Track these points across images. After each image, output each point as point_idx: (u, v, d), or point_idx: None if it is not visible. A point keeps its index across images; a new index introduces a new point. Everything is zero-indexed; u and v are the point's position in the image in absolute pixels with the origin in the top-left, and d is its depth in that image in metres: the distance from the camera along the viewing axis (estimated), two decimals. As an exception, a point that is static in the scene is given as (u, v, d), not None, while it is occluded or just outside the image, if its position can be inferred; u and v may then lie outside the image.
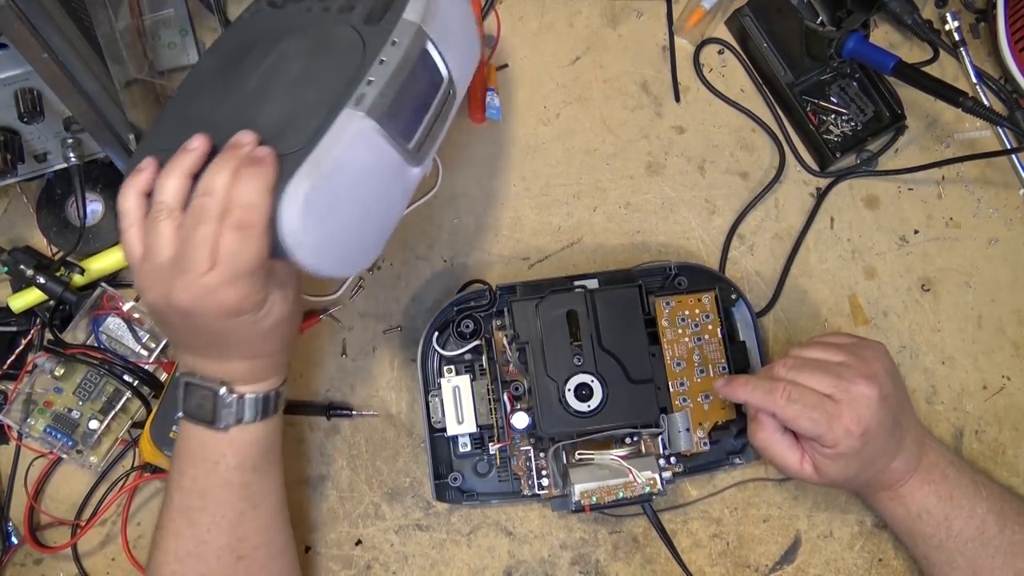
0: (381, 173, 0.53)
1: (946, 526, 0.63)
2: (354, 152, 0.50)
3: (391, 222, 0.57)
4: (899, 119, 0.78)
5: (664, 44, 0.82)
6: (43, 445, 0.72)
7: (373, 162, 0.52)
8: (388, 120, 0.51)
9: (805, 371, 0.60)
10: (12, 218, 0.77)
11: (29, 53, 0.56)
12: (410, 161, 0.55)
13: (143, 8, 0.76)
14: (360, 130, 0.51)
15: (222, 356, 0.55)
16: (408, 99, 0.53)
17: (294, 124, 0.51)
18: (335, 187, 0.49)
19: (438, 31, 0.55)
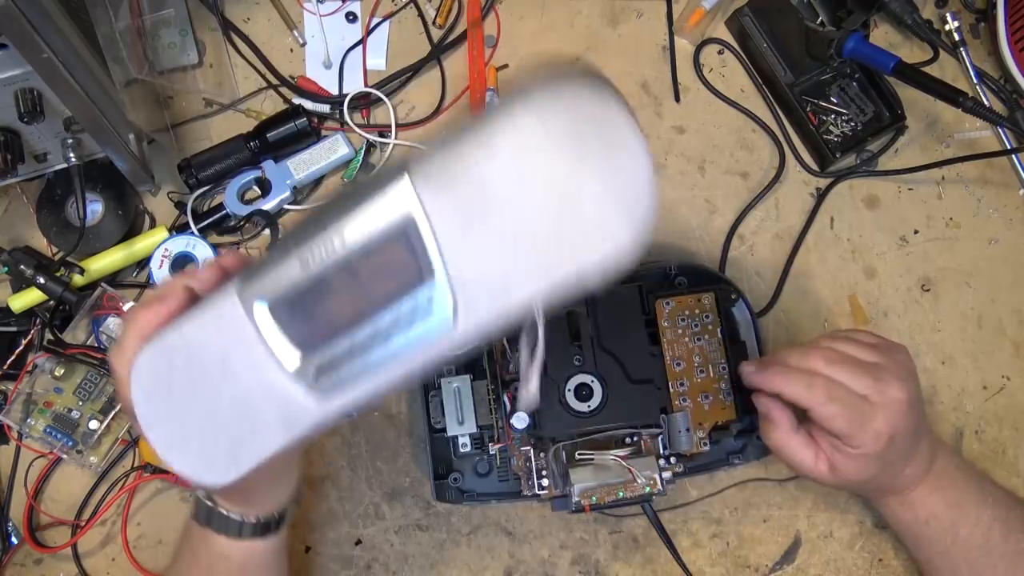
0: (245, 378, 0.40)
1: (952, 532, 0.62)
2: (212, 329, 0.39)
3: (260, 448, 0.41)
4: (899, 119, 0.78)
5: (664, 44, 0.82)
6: (43, 445, 0.72)
7: (236, 357, 0.39)
8: (282, 306, 0.38)
9: (844, 368, 0.58)
10: (12, 218, 0.77)
11: (29, 53, 0.56)
12: (301, 382, 0.39)
13: (143, 8, 0.76)
14: (227, 303, 0.39)
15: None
16: (338, 288, 0.38)
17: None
18: (181, 366, 0.40)
19: (470, 204, 0.37)
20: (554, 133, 0.37)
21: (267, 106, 0.80)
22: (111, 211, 0.75)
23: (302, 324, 0.39)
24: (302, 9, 0.82)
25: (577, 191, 0.37)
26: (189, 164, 0.76)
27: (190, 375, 0.40)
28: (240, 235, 0.78)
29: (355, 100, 0.79)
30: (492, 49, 0.82)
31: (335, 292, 0.38)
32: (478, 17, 0.81)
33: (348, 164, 0.78)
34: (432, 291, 0.37)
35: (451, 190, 0.37)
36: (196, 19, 0.80)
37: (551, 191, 0.37)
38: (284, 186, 0.77)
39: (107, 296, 0.73)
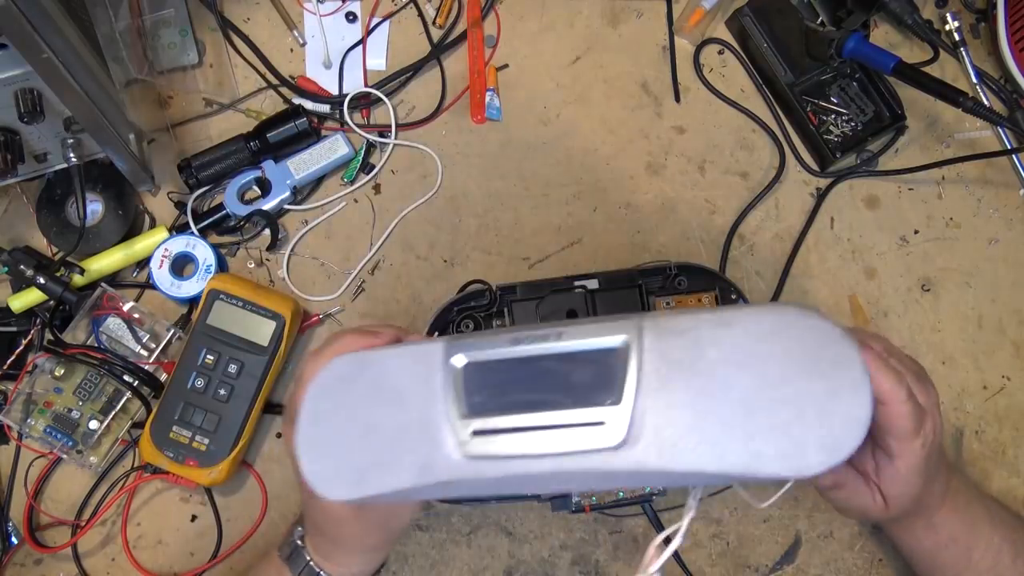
0: (412, 412, 0.42)
1: (967, 556, 0.61)
2: (407, 361, 0.42)
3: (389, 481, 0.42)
4: (899, 119, 0.78)
5: (664, 44, 0.82)
6: (43, 445, 0.72)
7: (414, 391, 0.42)
8: (477, 365, 0.41)
9: (905, 365, 0.53)
10: (12, 218, 0.77)
11: (29, 53, 0.56)
12: (457, 435, 0.41)
13: (143, 8, 0.76)
14: (432, 347, 0.42)
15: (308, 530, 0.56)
16: (532, 373, 0.41)
17: None
18: (364, 381, 0.43)
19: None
20: (792, 341, 0.38)
21: (267, 106, 0.80)
22: (111, 211, 0.75)
23: (485, 387, 0.41)
24: (302, 9, 0.82)
25: (789, 398, 0.37)
26: (189, 164, 0.76)
27: (366, 391, 0.43)
28: (240, 235, 0.78)
29: (355, 100, 0.79)
30: (492, 49, 0.82)
31: (528, 375, 0.41)
32: (478, 17, 0.81)
33: (348, 164, 0.78)
34: (612, 415, 0.39)
35: (672, 341, 0.39)
36: (196, 19, 0.80)
37: (762, 387, 0.38)
38: (284, 186, 0.77)
39: (107, 296, 0.73)
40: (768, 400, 0.38)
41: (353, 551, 0.56)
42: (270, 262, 0.77)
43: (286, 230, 0.78)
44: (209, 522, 0.72)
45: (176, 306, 0.76)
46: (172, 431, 0.69)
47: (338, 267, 0.77)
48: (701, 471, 0.38)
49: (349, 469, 0.43)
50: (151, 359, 0.73)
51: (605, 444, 0.39)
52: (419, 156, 0.79)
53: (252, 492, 0.73)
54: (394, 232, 0.78)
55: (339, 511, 0.51)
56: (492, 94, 0.80)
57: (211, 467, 0.69)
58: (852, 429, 0.37)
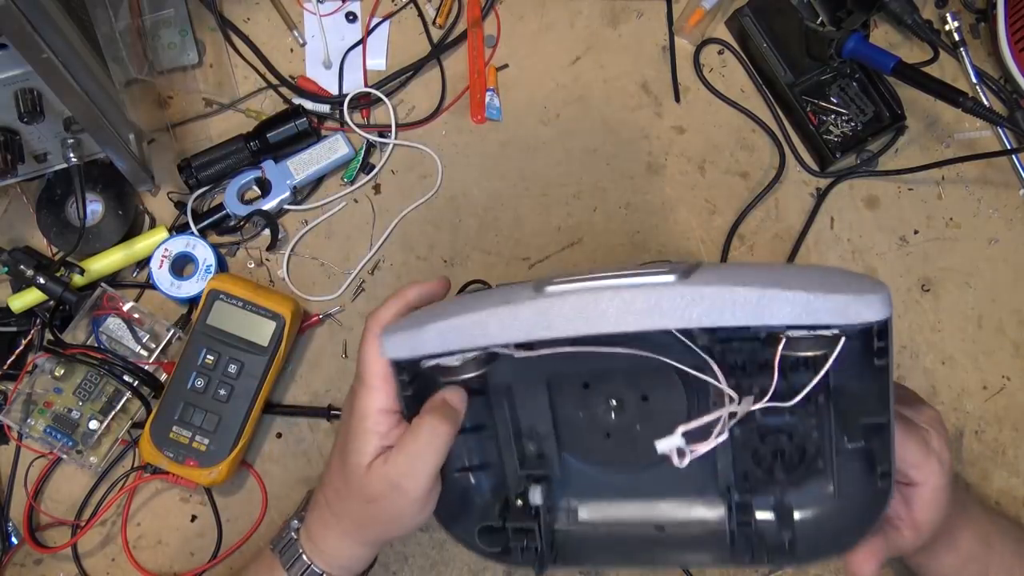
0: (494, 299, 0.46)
1: (984, 572, 0.60)
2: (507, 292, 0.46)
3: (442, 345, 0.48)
4: (899, 119, 0.78)
5: (664, 44, 0.82)
6: (43, 445, 0.72)
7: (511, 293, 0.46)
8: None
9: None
10: (12, 218, 0.77)
11: (29, 53, 0.56)
12: (532, 288, 0.45)
13: (143, 8, 0.76)
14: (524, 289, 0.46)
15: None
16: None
17: None
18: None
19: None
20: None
21: (267, 106, 0.80)
22: (111, 211, 0.75)
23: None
24: (302, 9, 0.82)
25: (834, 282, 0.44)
26: (189, 164, 0.76)
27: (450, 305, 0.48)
28: (240, 235, 0.78)
29: (355, 100, 0.79)
30: (492, 49, 0.82)
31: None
32: (478, 17, 0.81)
33: (348, 164, 0.78)
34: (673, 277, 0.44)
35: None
36: (196, 19, 0.80)
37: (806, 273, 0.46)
38: (284, 186, 0.77)
39: (107, 296, 0.73)
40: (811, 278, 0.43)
41: (350, 536, 0.56)
42: (270, 262, 0.77)
43: (286, 230, 0.78)
44: (209, 522, 0.72)
45: (176, 306, 0.76)
46: (172, 431, 0.69)
47: (338, 267, 0.77)
48: (756, 301, 0.41)
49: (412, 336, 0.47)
50: (151, 359, 0.73)
51: (663, 281, 0.43)
52: (419, 156, 0.79)
53: (252, 492, 0.73)
54: (394, 232, 0.78)
55: (375, 483, 0.51)
56: (492, 94, 0.80)
57: (211, 467, 0.69)
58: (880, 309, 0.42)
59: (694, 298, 0.42)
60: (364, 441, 0.51)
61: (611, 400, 0.54)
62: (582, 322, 0.42)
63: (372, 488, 0.51)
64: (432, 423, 0.50)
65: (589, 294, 0.43)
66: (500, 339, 0.45)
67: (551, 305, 0.43)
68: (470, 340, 0.45)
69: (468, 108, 0.80)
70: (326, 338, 0.76)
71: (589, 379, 0.54)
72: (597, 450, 0.56)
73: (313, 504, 0.58)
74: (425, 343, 0.47)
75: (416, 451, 0.50)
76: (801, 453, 0.53)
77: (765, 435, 0.53)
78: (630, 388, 0.54)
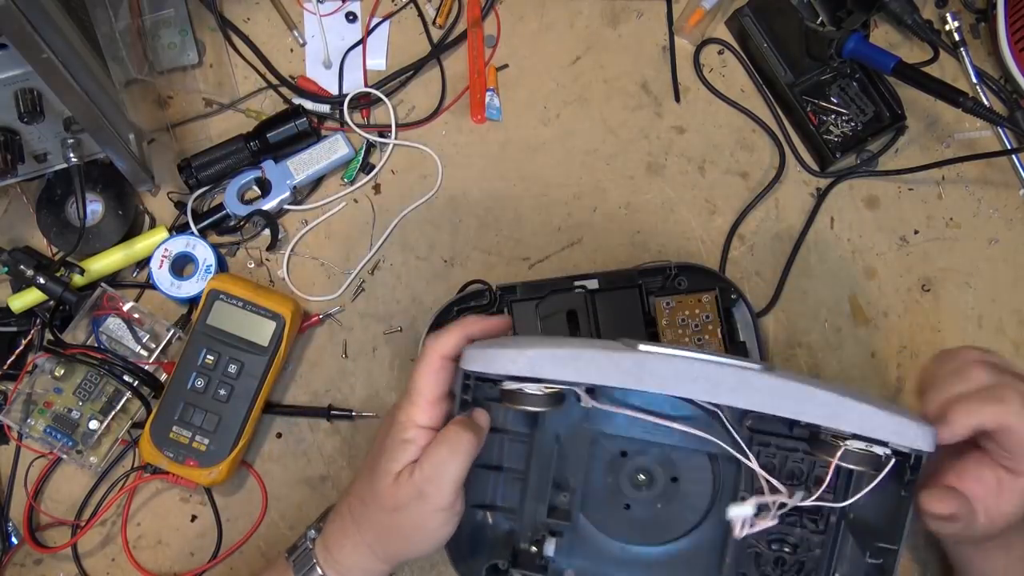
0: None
1: None
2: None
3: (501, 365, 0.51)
4: (899, 119, 0.78)
5: (664, 44, 0.82)
6: (43, 445, 0.72)
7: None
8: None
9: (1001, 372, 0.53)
10: (12, 218, 0.77)
11: (29, 53, 0.56)
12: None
13: (143, 8, 0.76)
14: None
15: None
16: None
17: None
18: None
19: None
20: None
21: (267, 106, 0.80)
22: (111, 211, 0.75)
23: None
24: (302, 9, 0.82)
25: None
26: (189, 164, 0.76)
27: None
28: (240, 235, 0.78)
29: (355, 100, 0.79)
30: (492, 49, 0.82)
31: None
32: (478, 17, 0.81)
33: (348, 164, 0.78)
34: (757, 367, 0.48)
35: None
36: (196, 19, 0.80)
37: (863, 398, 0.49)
38: (284, 186, 0.77)
39: (107, 296, 0.73)
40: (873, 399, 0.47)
41: (368, 548, 0.56)
42: (270, 262, 0.77)
43: (286, 230, 0.78)
44: (209, 522, 0.72)
45: (176, 306, 0.76)
46: (172, 431, 0.69)
47: (338, 267, 0.77)
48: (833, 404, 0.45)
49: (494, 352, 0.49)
50: (151, 359, 0.73)
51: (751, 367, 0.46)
52: (419, 156, 0.79)
53: (252, 492, 0.73)
54: (394, 232, 0.78)
55: (401, 491, 0.52)
56: (492, 94, 0.80)
57: (211, 467, 0.69)
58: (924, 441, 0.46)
59: (778, 389, 0.45)
60: (399, 450, 0.53)
61: (640, 474, 0.57)
62: (675, 383, 0.45)
63: (398, 497, 0.52)
64: (457, 431, 0.51)
65: (685, 360, 0.45)
66: (592, 378, 0.47)
67: (649, 360, 0.45)
68: (562, 372, 0.47)
69: (468, 108, 0.80)
70: (326, 338, 0.76)
71: (628, 448, 0.56)
72: (614, 519, 0.57)
73: (334, 514, 0.58)
74: (515, 364, 0.48)
75: (440, 458, 0.51)
76: (800, 565, 0.56)
77: (772, 542, 0.56)
78: (662, 467, 0.56)
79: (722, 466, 0.56)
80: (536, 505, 0.57)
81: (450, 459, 0.51)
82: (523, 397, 0.49)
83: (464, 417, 0.53)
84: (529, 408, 0.50)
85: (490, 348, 0.50)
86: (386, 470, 0.53)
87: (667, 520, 0.56)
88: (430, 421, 0.53)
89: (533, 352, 0.48)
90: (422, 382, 0.53)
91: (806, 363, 0.76)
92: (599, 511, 0.58)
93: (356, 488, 0.57)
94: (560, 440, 0.57)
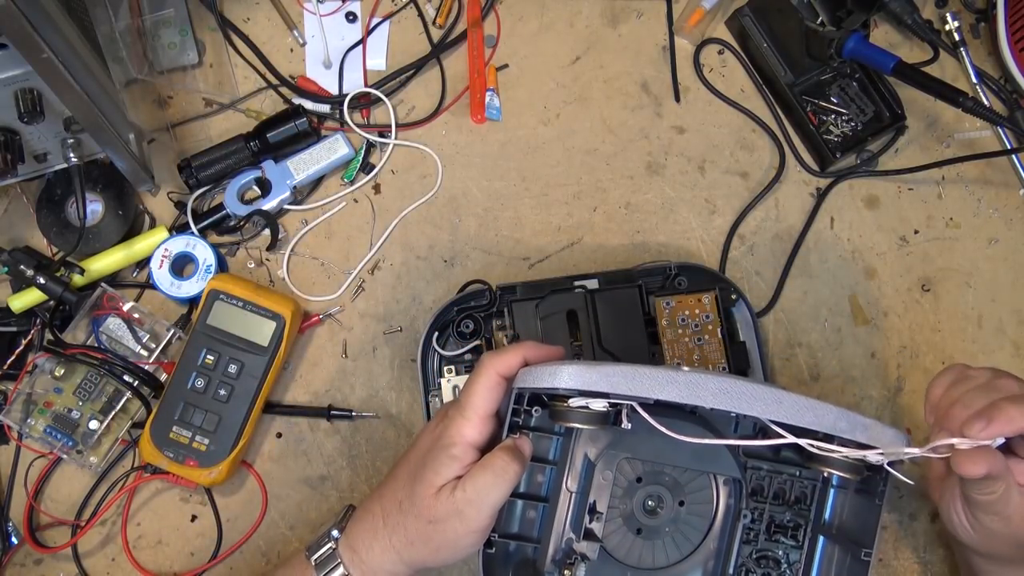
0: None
1: None
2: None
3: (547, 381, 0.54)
4: (899, 119, 0.78)
5: (664, 44, 0.82)
6: (43, 445, 0.72)
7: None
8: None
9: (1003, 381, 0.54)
10: (12, 218, 0.77)
11: (29, 53, 0.56)
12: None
13: (143, 8, 0.76)
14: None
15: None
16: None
17: None
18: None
19: None
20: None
21: (267, 106, 0.80)
22: (111, 211, 0.75)
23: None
24: (302, 9, 0.82)
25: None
26: (189, 164, 0.76)
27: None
28: (240, 235, 0.78)
29: (355, 100, 0.79)
30: (492, 49, 0.82)
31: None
32: (478, 17, 0.81)
33: (348, 164, 0.78)
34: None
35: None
36: (196, 19, 0.80)
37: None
38: (284, 186, 0.77)
39: (107, 296, 0.73)
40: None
41: (396, 552, 0.56)
42: (270, 262, 0.77)
43: (286, 230, 0.78)
44: (209, 522, 0.72)
45: (176, 306, 0.76)
46: (172, 431, 0.69)
47: (338, 267, 0.77)
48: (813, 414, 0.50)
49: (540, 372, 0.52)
50: (151, 359, 0.73)
51: (778, 387, 0.51)
52: (419, 156, 0.79)
53: (252, 492, 0.73)
54: (394, 232, 0.78)
55: (441, 506, 0.53)
56: (492, 94, 0.80)
57: (211, 467, 0.69)
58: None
59: (802, 405, 0.50)
60: (444, 464, 0.53)
61: (651, 500, 0.59)
62: (727, 400, 0.49)
63: (437, 510, 0.53)
64: (505, 459, 0.52)
65: (734, 381, 0.50)
66: (651, 393, 0.49)
67: (701, 380, 0.49)
68: (622, 387, 0.50)
69: (468, 108, 0.80)
70: (326, 338, 0.76)
71: (643, 474, 0.59)
72: (626, 544, 0.59)
73: (363, 512, 0.58)
74: (580, 379, 0.50)
75: (485, 484, 0.52)
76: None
77: (759, 559, 0.61)
78: (672, 492, 0.59)
79: (722, 488, 0.59)
80: (568, 529, 0.58)
81: (494, 486, 0.52)
82: (575, 414, 0.52)
83: (511, 443, 0.54)
84: (579, 425, 0.52)
85: (549, 366, 0.51)
86: (429, 481, 0.53)
87: (673, 544, 0.59)
88: (479, 437, 0.54)
89: (600, 369, 0.50)
90: (477, 398, 0.53)
91: (806, 363, 0.76)
92: (614, 537, 0.59)
93: (390, 490, 0.57)
94: (592, 465, 0.58)
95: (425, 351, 0.71)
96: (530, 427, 0.56)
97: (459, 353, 0.71)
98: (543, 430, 0.57)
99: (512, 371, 0.54)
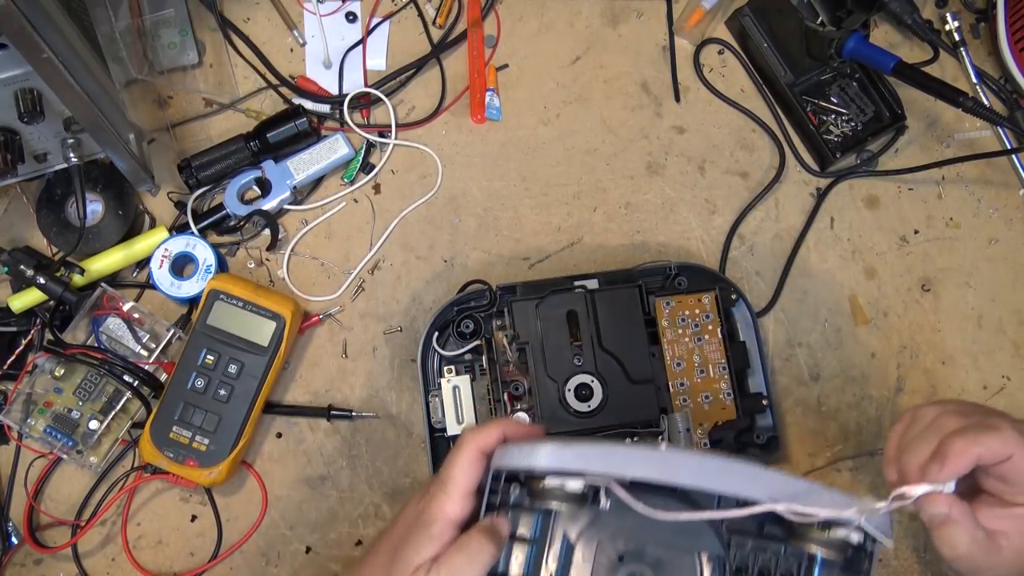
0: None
1: None
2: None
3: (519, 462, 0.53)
4: (899, 119, 0.78)
5: (664, 44, 0.82)
6: (43, 445, 0.72)
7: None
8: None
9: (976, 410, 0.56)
10: (12, 218, 0.77)
11: (29, 53, 0.56)
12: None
13: (143, 8, 0.76)
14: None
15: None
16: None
17: None
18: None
19: None
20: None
21: (267, 106, 0.80)
22: (111, 211, 0.75)
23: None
24: (302, 9, 0.82)
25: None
26: (189, 164, 0.76)
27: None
28: (240, 235, 0.78)
29: (355, 100, 0.79)
30: (492, 49, 0.82)
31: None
32: (478, 17, 0.81)
33: (348, 164, 0.78)
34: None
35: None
36: (196, 19, 0.80)
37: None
38: (284, 186, 0.77)
39: (107, 296, 0.73)
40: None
41: None
42: (270, 262, 0.77)
43: (286, 230, 0.78)
44: (209, 522, 0.72)
45: (176, 306, 0.76)
46: (172, 431, 0.69)
47: (338, 267, 0.77)
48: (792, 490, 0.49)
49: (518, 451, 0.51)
50: (151, 359, 0.73)
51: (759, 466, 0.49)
52: (419, 156, 0.79)
53: (252, 492, 0.73)
54: (394, 232, 0.78)
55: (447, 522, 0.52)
56: (492, 94, 0.80)
57: (211, 467, 0.69)
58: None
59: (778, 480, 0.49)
60: (423, 544, 0.52)
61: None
62: (703, 477, 0.48)
63: (452, 529, 0.52)
64: (480, 541, 0.51)
65: (711, 458, 0.49)
66: (625, 471, 0.49)
67: (677, 457, 0.49)
68: (597, 466, 0.49)
69: (468, 108, 0.80)
70: (326, 338, 0.76)
71: (625, 553, 0.57)
72: None
73: (383, 547, 0.57)
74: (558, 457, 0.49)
75: (460, 565, 0.51)
76: None
77: None
78: (655, 571, 0.57)
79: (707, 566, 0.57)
80: None
81: (468, 568, 0.51)
82: (552, 493, 0.51)
83: (487, 524, 0.53)
84: (556, 505, 0.51)
85: (525, 445, 0.51)
86: (408, 560, 0.53)
87: None
88: (461, 513, 0.53)
89: (574, 448, 0.49)
90: (458, 472, 0.53)
91: (806, 363, 0.76)
92: None
93: (369, 567, 0.56)
94: (571, 545, 0.57)
95: (425, 351, 0.71)
96: (509, 504, 0.55)
97: (459, 353, 0.71)
98: (522, 507, 0.56)
99: (491, 447, 0.53)
